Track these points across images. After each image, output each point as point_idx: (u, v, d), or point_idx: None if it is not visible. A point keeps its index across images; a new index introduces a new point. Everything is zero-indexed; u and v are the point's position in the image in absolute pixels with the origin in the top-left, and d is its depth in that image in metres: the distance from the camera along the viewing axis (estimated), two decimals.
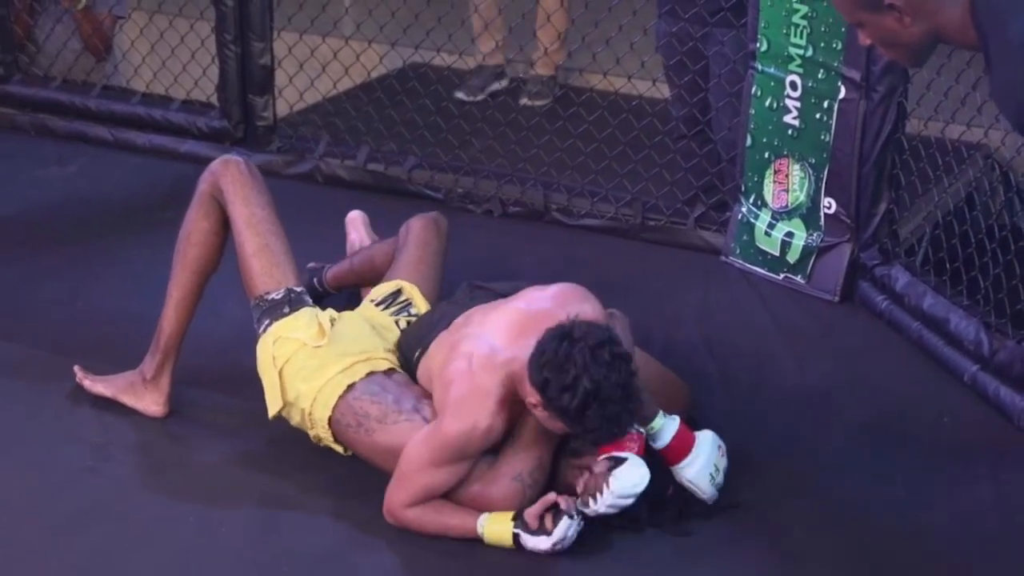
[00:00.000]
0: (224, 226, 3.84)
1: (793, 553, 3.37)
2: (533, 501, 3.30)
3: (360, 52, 5.55)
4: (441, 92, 5.47)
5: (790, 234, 4.55)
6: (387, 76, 5.88)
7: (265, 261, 3.77)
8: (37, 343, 4.23)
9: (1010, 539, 3.41)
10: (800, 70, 4.40)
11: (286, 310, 3.70)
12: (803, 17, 4.33)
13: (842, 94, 4.32)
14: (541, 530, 3.25)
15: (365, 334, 3.73)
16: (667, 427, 3.36)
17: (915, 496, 3.56)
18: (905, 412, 3.88)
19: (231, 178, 3.83)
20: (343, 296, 4.23)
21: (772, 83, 4.49)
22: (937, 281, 4.24)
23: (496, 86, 6.17)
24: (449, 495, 3.35)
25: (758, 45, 4.48)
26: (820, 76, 4.36)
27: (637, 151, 5.01)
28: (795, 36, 4.38)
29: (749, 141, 4.60)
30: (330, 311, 3.80)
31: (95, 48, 5.84)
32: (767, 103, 4.51)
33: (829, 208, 4.45)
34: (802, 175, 4.48)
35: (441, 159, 5.22)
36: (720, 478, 3.40)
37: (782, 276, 4.58)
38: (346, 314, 3.84)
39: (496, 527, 3.28)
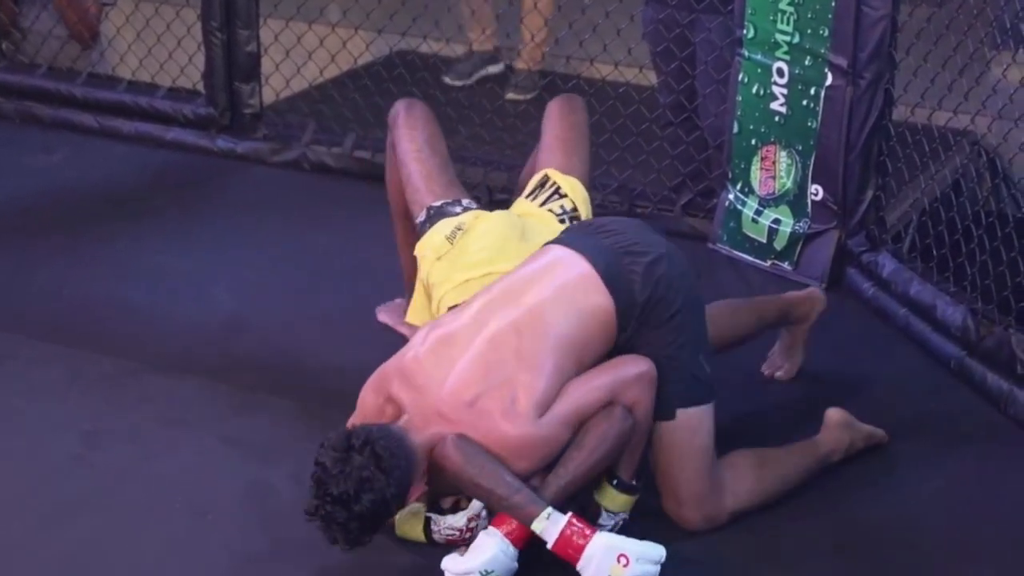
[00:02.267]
0: None
1: (778, 536, 3.38)
2: None
3: (347, 39, 5.55)
4: (428, 79, 5.47)
5: (777, 221, 4.56)
6: (374, 63, 5.87)
7: (411, 190, 3.85)
8: (25, 331, 4.22)
9: (995, 524, 3.43)
10: (787, 57, 4.41)
11: (427, 227, 3.73)
12: (790, 4, 4.34)
13: (829, 81, 4.32)
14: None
15: (499, 239, 3.62)
16: (548, 531, 3.10)
17: (901, 481, 3.58)
18: (892, 398, 3.89)
19: (390, 126, 4.00)
20: None
21: (759, 70, 4.49)
22: (924, 268, 4.26)
23: (487, 71, 6.15)
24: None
25: (745, 32, 4.48)
26: (807, 63, 4.36)
27: (624, 138, 5.01)
28: (782, 23, 4.38)
29: (736, 128, 4.60)
30: (472, 214, 3.72)
31: (81, 35, 5.83)
32: (754, 90, 4.52)
33: (816, 195, 4.46)
34: (789, 162, 4.49)
35: None
36: None
37: (769, 263, 4.59)
38: (493, 215, 3.73)
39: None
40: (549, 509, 3.11)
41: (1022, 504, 3.52)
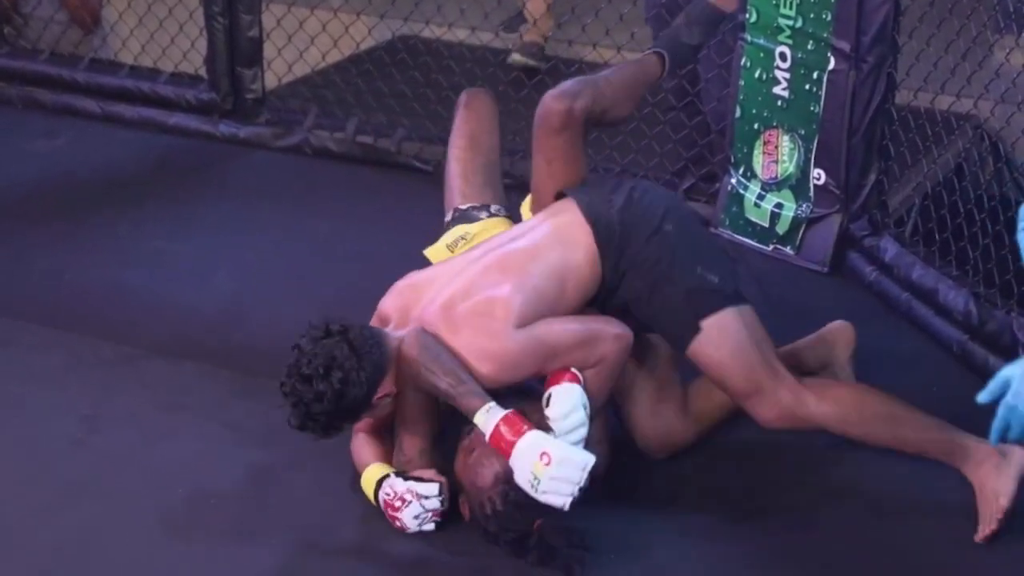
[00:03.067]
0: None
1: (780, 518, 3.39)
2: None
3: (349, 24, 5.54)
4: (430, 64, 5.46)
5: (779, 205, 4.55)
6: (376, 48, 5.86)
7: (446, 189, 3.90)
8: (26, 316, 4.23)
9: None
10: (789, 41, 4.39)
11: (445, 232, 3.79)
12: None
13: (831, 65, 4.31)
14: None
15: None
16: (486, 424, 3.19)
17: (903, 466, 3.57)
18: (894, 383, 3.87)
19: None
20: None
21: (761, 54, 4.48)
22: (926, 252, 4.25)
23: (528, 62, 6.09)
24: None
25: (747, 16, 4.47)
26: (809, 47, 4.35)
27: (626, 122, 4.99)
28: (784, 7, 4.37)
29: (738, 112, 4.59)
30: (486, 223, 3.76)
31: (82, 20, 5.83)
32: (756, 74, 4.51)
33: (818, 179, 4.45)
34: (791, 146, 4.48)
35: (430, 131, 5.21)
36: (547, 486, 3.12)
37: (771, 247, 4.58)
38: (503, 228, 3.73)
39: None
40: (491, 404, 3.20)
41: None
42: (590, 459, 3.15)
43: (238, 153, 5.33)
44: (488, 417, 3.19)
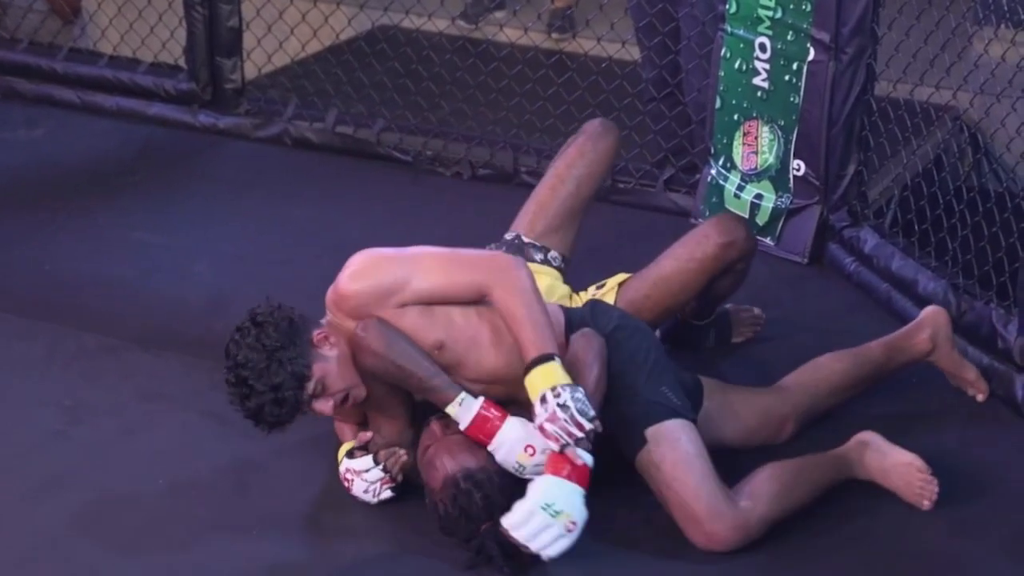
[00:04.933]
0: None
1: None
2: None
3: (329, 14, 5.53)
4: (410, 54, 5.45)
5: (759, 196, 4.56)
6: (356, 38, 5.85)
7: (525, 205, 3.93)
8: (5, 307, 4.22)
9: (975, 497, 3.44)
10: (769, 32, 4.40)
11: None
12: None
13: (811, 56, 4.32)
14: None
15: None
16: (462, 415, 3.23)
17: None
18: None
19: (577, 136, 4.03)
20: None
21: (741, 45, 4.49)
22: (906, 243, 4.26)
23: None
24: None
25: (727, 7, 4.48)
26: (789, 38, 4.36)
27: (606, 113, 4.98)
28: None
29: (718, 103, 4.60)
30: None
31: (62, 10, 5.82)
32: (736, 65, 4.52)
33: (798, 170, 4.46)
34: (771, 137, 4.49)
35: (410, 121, 5.21)
36: (534, 472, 3.18)
37: None
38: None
39: None
40: (464, 394, 3.24)
41: (1004, 475, 3.54)
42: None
43: (217, 143, 5.33)
44: (462, 409, 3.23)
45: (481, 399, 3.24)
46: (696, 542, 3.24)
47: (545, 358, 3.20)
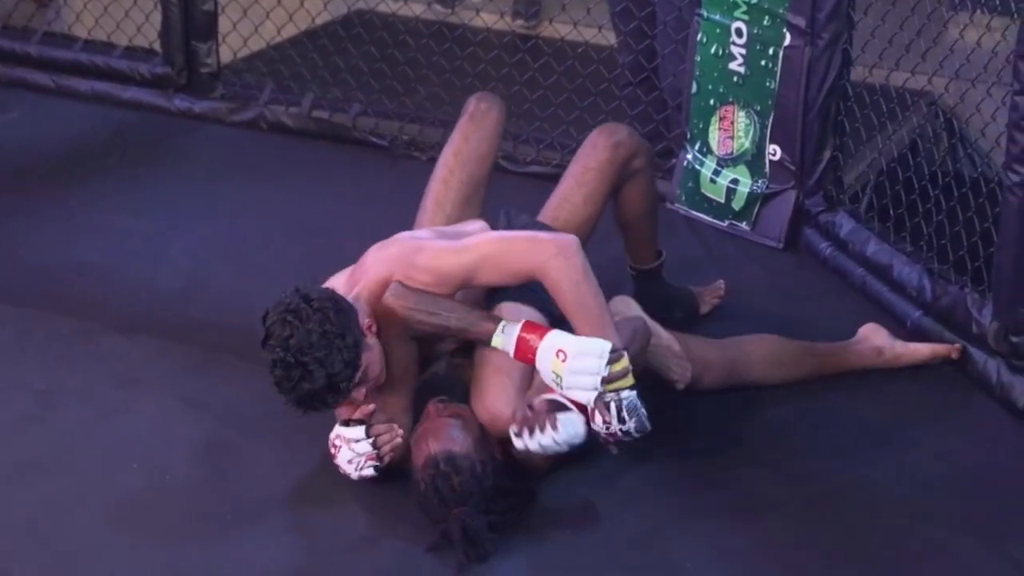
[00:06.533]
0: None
1: (740, 492, 3.41)
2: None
3: None
4: (386, 39, 5.44)
5: (735, 181, 4.56)
6: (332, 23, 5.84)
7: (421, 208, 3.85)
8: None
9: (949, 481, 3.47)
10: (745, 17, 4.40)
11: None
12: None
13: (787, 41, 4.32)
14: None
15: None
16: (507, 343, 3.29)
17: (856, 440, 3.60)
18: None
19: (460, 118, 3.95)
20: None
21: (718, 30, 4.48)
22: (881, 228, 4.27)
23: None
24: None
25: None
26: (765, 23, 4.36)
27: (583, 98, 5.00)
28: None
29: (694, 88, 4.60)
30: None
31: None
32: (712, 50, 4.51)
33: (774, 155, 4.46)
34: (747, 122, 4.49)
35: (386, 106, 5.20)
36: (570, 381, 3.20)
37: (727, 223, 4.60)
38: None
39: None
40: (503, 322, 3.29)
41: (977, 459, 3.56)
42: (606, 345, 3.20)
43: (193, 127, 5.31)
44: (506, 337, 3.28)
45: (523, 321, 3.29)
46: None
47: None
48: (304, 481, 3.43)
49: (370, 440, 3.31)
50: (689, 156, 4.67)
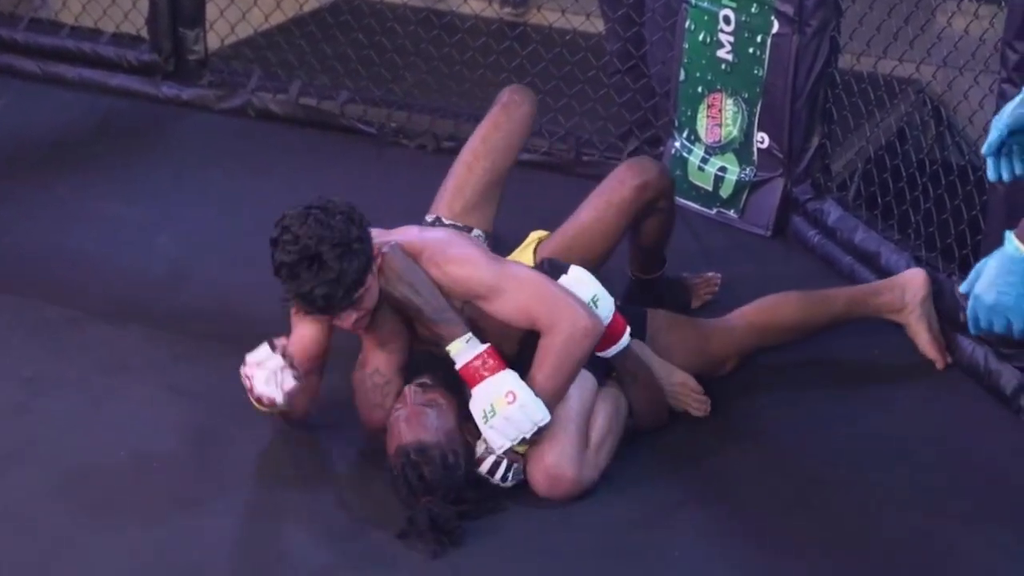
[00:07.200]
0: None
1: (731, 482, 3.42)
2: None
3: None
4: (374, 26, 5.43)
5: (723, 169, 4.56)
6: (320, 10, 5.83)
7: (442, 188, 3.89)
8: None
9: (936, 466, 3.49)
10: (733, 4, 4.40)
11: None
12: None
13: (775, 28, 4.32)
14: None
15: None
16: (463, 353, 3.28)
17: (843, 424, 3.61)
18: (835, 345, 3.91)
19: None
20: None
21: (706, 17, 4.48)
22: (869, 216, 4.28)
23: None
24: None
25: None
26: (753, 10, 4.36)
27: (571, 86, 5.00)
28: None
29: (682, 76, 4.60)
30: None
31: None
32: (700, 37, 4.51)
33: (762, 143, 4.46)
34: (735, 110, 4.49)
35: (374, 93, 5.20)
36: (498, 423, 3.24)
37: (715, 211, 4.60)
38: None
39: None
40: (470, 335, 3.29)
41: (964, 446, 3.57)
42: (547, 418, 3.23)
43: (180, 115, 5.30)
44: (467, 348, 3.27)
45: (487, 345, 3.28)
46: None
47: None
48: (290, 469, 3.44)
49: (277, 351, 3.31)
50: (677, 144, 4.67)
